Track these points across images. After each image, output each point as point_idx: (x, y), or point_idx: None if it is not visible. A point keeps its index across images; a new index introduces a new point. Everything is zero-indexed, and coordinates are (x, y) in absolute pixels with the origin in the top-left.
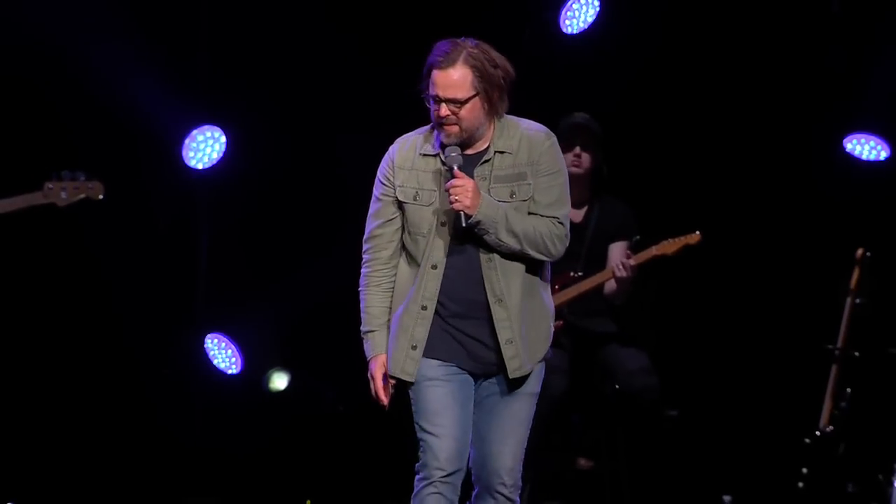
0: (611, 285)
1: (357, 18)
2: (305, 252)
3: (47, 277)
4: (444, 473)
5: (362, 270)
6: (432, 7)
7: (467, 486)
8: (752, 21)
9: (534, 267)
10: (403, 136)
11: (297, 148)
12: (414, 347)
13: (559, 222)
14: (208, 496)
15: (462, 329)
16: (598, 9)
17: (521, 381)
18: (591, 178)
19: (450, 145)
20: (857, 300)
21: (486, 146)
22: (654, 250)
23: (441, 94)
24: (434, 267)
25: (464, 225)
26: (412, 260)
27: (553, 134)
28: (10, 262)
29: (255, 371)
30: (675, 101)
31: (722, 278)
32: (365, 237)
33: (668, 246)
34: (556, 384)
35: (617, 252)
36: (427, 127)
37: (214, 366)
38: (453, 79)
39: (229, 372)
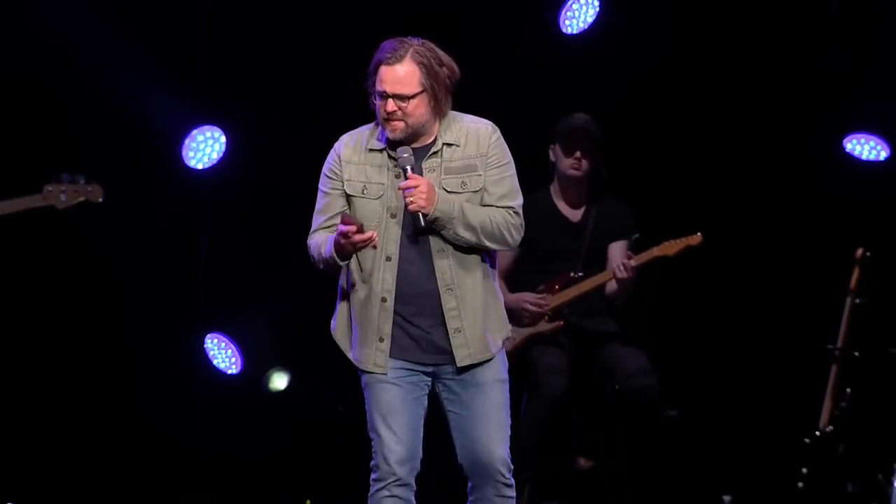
0: (612, 286)
1: (357, 18)
2: (305, 252)
3: (47, 277)
4: (396, 477)
5: (308, 242)
6: (432, 7)
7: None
8: (753, 21)
9: (486, 256)
10: (348, 133)
11: (296, 148)
12: (381, 340)
13: (514, 212)
14: (208, 496)
15: (414, 321)
16: (597, 9)
17: (488, 371)
18: (589, 179)
19: (395, 140)
20: (857, 300)
21: (432, 139)
22: (656, 251)
23: (388, 90)
24: (388, 259)
25: (422, 224)
26: (360, 254)
27: (497, 127)
28: (9, 262)
29: (255, 371)
30: (676, 101)
31: (722, 278)
32: (312, 230)
33: (670, 247)
34: (556, 384)
35: (616, 252)
36: (372, 124)
37: (214, 366)
38: (400, 75)
39: (229, 372)
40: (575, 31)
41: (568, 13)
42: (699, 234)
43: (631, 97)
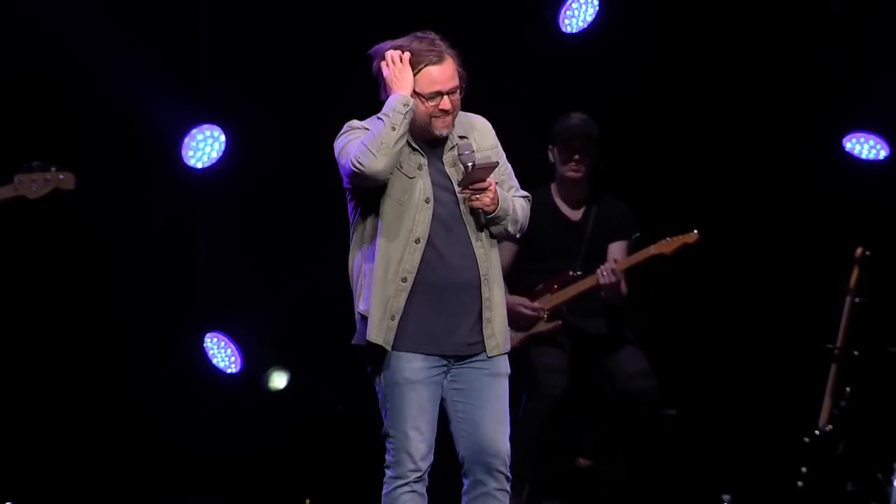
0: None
1: (356, 18)
2: (305, 251)
3: (46, 276)
4: (419, 473)
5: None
6: (431, 6)
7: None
8: (752, 21)
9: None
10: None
11: (296, 147)
12: (393, 318)
13: (529, 200)
14: (208, 495)
15: (440, 309)
16: (597, 8)
17: (501, 363)
18: (589, 179)
19: (441, 137)
20: (857, 300)
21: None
22: (653, 249)
23: (442, 88)
24: (417, 241)
25: (483, 221)
26: (389, 229)
27: None
28: (7, 261)
29: (254, 370)
30: (675, 100)
31: (721, 278)
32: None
33: (667, 245)
34: (556, 384)
35: (615, 252)
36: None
37: (214, 365)
38: (450, 71)
39: (229, 371)
40: (574, 30)
41: (567, 12)
42: (696, 231)
43: (630, 96)
